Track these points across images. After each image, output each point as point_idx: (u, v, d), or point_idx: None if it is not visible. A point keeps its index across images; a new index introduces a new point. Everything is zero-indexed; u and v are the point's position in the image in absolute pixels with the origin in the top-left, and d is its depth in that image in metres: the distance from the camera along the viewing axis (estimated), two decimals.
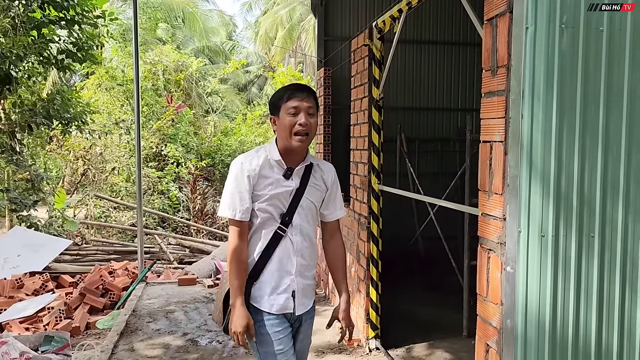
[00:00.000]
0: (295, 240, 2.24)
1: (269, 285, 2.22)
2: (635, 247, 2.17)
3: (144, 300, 5.63)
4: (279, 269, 2.23)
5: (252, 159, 2.22)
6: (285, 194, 2.21)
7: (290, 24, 22.22)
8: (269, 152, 2.24)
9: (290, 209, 2.23)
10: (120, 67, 13.89)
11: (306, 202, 2.26)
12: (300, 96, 2.17)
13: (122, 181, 12.24)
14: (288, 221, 2.22)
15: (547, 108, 2.06)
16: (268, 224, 2.22)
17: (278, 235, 2.21)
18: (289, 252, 2.24)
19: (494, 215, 2.26)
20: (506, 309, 2.18)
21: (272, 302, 2.21)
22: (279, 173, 2.23)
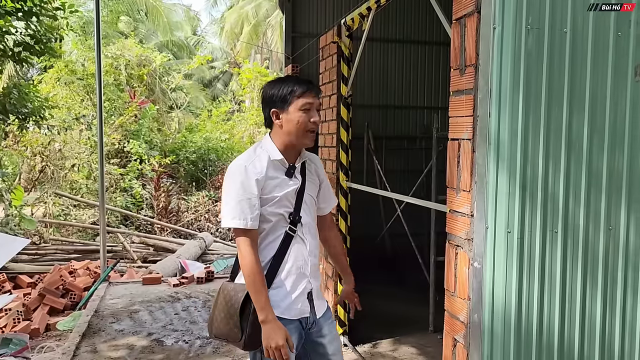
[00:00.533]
0: (307, 240, 2.16)
1: (284, 289, 2.10)
2: (595, 243, 2.24)
3: (106, 300, 5.50)
4: (295, 271, 2.12)
5: (256, 162, 2.08)
6: (291, 192, 2.12)
7: (256, 20, 22.07)
8: (269, 151, 2.12)
9: (296, 207, 2.14)
10: (81, 61, 13.51)
11: (308, 198, 2.20)
12: (312, 92, 2.09)
13: (82, 178, 11.92)
14: (297, 220, 2.13)
15: (513, 107, 2.10)
16: (279, 226, 2.11)
17: (289, 236, 2.11)
18: (303, 253, 2.15)
19: (461, 212, 2.30)
20: (473, 304, 2.22)
21: (289, 308, 2.10)
22: (281, 172, 2.13)
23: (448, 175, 2.42)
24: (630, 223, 2.27)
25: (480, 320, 2.19)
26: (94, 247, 8.70)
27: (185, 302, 5.43)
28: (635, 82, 2.23)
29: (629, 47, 2.21)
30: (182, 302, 5.43)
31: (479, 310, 2.19)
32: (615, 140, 2.23)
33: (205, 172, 14.37)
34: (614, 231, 2.25)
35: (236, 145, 16.11)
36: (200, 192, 13.37)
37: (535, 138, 2.13)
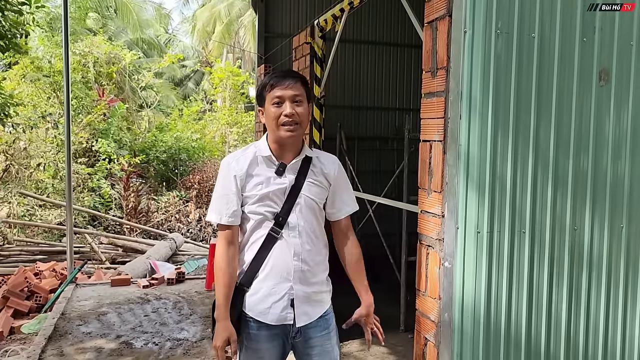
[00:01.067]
0: (293, 243, 2.02)
1: (263, 293, 2.02)
2: (561, 243, 2.30)
3: (73, 302, 5.38)
4: (274, 274, 2.02)
5: (240, 158, 2.04)
6: (278, 192, 2.01)
7: (229, 19, 21.91)
8: (258, 148, 2.06)
9: (285, 208, 2.01)
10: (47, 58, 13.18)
11: (305, 200, 2.04)
12: (283, 84, 1.98)
13: (48, 178, 11.63)
14: (282, 221, 2.01)
15: (483, 109, 2.15)
16: (261, 226, 2.03)
17: (272, 237, 2.01)
18: (286, 255, 2.02)
19: (433, 213, 2.34)
20: (444, 303, 2.26)
21: (265, 312, 2.01)
22: (270, 170, 2.03)
23: (420, 176, 2.45)
24: (595, 223, 2.34)
25: (451, 319, 2.22)
26: (61, 248, 8.50)
27: (155, 304, 5.36)
28: (600, 86, 2.30)
29: (594, 53, 2.28)
30: (152, 304, 5.36)
31: (450, 309, 2.23)
32: (581, 143, 2.30)
33: (175, 172, 14.20)
34: (579, 231, 2.32)
35: (208, 145, 15.97)
36: (170, 192, 13.20)
37: (504, 140, 2.18)
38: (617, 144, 2.35)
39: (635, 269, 2.43)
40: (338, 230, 2.22)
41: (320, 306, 2.12)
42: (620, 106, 2.34)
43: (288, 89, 1.98)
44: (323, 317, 2.12)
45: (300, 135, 2.04)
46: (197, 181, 13.35)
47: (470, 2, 2.10)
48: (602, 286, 2.39)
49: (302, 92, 2.01)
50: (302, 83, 2.04)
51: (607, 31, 2.29)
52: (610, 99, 2.32)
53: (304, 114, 2.01)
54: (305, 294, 2.05)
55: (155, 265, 7.01)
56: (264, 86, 2.04)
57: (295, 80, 2.01)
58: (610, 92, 2.32)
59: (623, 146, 2.36)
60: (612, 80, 2.32)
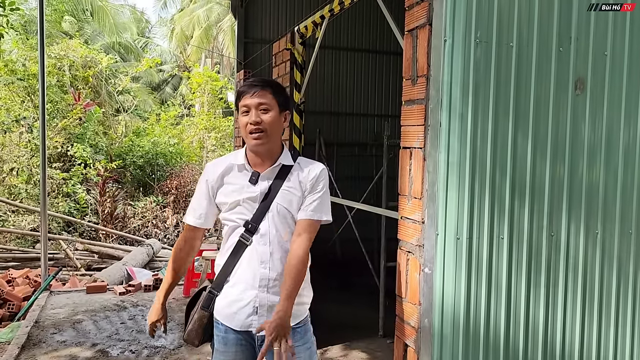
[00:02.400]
0: (261, 250, 2.02)
1: (230, 298, 2.05)
2: (538, 248, 2.34)
3: (47, 310, 5.27)
4: (241, 281, 2.03)
5: (218, 164, 2.09)
6: (249, 200, 2.02)
7: (208, 24, 21.81)
8: (235, 156, 2.09)
9: (256, 215, 2.02)
10: (22, 61, 12.95)
11: (278, 208, 2.03)
12: (250, 92, 2.00)
13: (21, 183, 11.39)
14: (252, 229, 2.01)
15: (463, 117, 2.18)
16: (234, 232, 2.06)
17: (241, 243, 2.03)
18: (253, 263, 2.02)
19: (413, 219, 2.35)
20: (424, 309, 2.27)
21: (230, 317, 2.04)
22: (243, 178, 2.05)
23: (400, 182, 2.47)
24: (571, 229, 2.38)
25: (431, 324, 2.24)
26: (34, 254, 8.33)
27: (132, 311, 5.28)
28: (576, 95, 2.35)
29: (570, 62, 2.33)
30: (129, 311, 5.27)
31: (429, 314, 2.24)
32: (557, 150, 2.34)
33: (152, 177, 14.04)
34: (555, 237, 2.36)
35: (185, 150, 15.85)
36: (147, 197, 13.05)
37: (483, 147, 2.21)
38: (592, 151, 2.40)
39: (609, 274, 2.48)
40: (295, 229, 2.06)
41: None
42: (595, 115, 2.39)
43: (255, 97, 1.98)
44: (293, 329, 2.01)
45: (270, 143, 2.02)
46: (174, 186, 13.24)
47: (450, 12, 2.13)
48: (578, 291, 2.43)
49: (270, 99, 1.99)
50: (272, 91, 2.01)
51: (582, 41, 2.34)
52: (585, 107, 2.38)
53: (271, 121, 1.99)
54: (270, 302, 2.00)
55: (132, 272, 6.92)
56: (237, 96, 2.08)
57: (262, 88, 2.00)
58: (585, 101, 2.37)
59: (598, 153, 2.41)
60: (587, 90, 2.37)
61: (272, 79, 2.16)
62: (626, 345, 2.54)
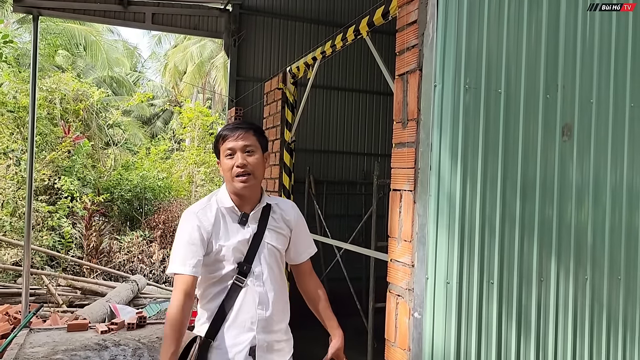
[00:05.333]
0: (257, 291, 2.02)
1: (224, 344, 1.99)
2: (528, 293, 2.33)
3: (26, 348, 5.11)
4: (238, 325, 2.00)
5: (206, 209, 2.04)
6: (243, 242, 2.02)
7: (201, 60, 22.08)
8: (219, 199, 2.07)
9: (248, 256, 2.02)
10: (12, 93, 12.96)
11: (267, 248, 2.07)
12: (234, 135, 2.01)
13: (6, 215, 11.23)
14: (246, 270, 2.01)
15: (452, 160, 2.19)
16: (226, 276, 2.01)
17: (236, 286, 2.00)
18: (250, 305, 2.01)
19: (402, 262, 2.34)
20: (414, 355, 2.23)
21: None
22: (233, 221, 2.04)
23: (390, 225, 2.46)
24: (560, 275, 2.38)
25: None
26: (15, 289, 8.13)
27: (114, 351, 5.13)
28: (563, 141, 2.39)
29: (557, 109, 2.37)
30: (110, 351, 5.13)
31: None
32: (545, 194, 2.36)
33: (140, 211, 13.92)
34: (545, 282, 2.35)
35: (174, 184, 15.78)
36: (134, 231, 12.90)
37: (472, 191, 2.22)
38: (580, 195, 2.42)
39: (599, 319, 2.46)
40: (301, 273, 2.25)
41: (282, 355, 2.11)
42: (582, 159, 2.42)
43: (239, 139, 2.01)
44: None
45: (255, 185, 2.06)
46: (162, 221, 13.12)
47: (440, 58, 2.17)
48: (569, 337, 2.41)
49: (254, 141, 2.03)
50: (254, 132, 2.05)
51: (569, 89, 2.39)
52: (573, 152, 2.41)
53: (256, 163, 2.03)
54: (267, 342, 2.04)
55: (116, 309, 6.77)
56: (217, 139, 2.07)
57: (246, 131, 2.03)
58: (573, 146, 2.41)
59: (585, 197, 2.43)
60: (574, 135, 2.41)
61: (252, 122, 2.18)
62: None
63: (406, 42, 2.39)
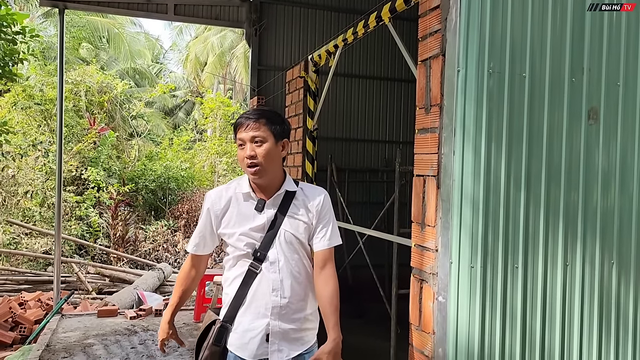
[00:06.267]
0: (272, 278, 2.03)
1: (240, 328, 2.05)
2: (553, 278, 2.32)
3: (59, 333, 5.27)
4: (253, 310, 2.04)
5: (222, 194, 2.10)
6: (257, 228, 2.04)
7: (221, 50, 22.18)
8: (239, 185, 2.11)
9: (264, 243, 2.04)
10: (39, 86, 13.22)
11: (285, 235, 2.06)
12: (243, 126, 2.03)
13: (35, 206, 11.52)
14: (261, 257, 2.03)
15: (476, 145, 2.19)
16: (241, 261, 2.06)
17: (251, 272, 2.03)
18: (264, 291, 2.03)
19: (427, 247, 2.35)
20: (438, 338, 2.25)
21: (242, 347, 2.04)
22: (249, 206, 2.07)
23: (413, 210, 2.48)
24: (586, 259, 2.36)
25: (445, 354, 2.22)
26: (46, 277, 8.36)
27: (143, 335, 5.26)
28: (589, 125, 2.36)
29: (583, 92, 2.35)
30: (139, 335, 5.26)
31: (443, 344, 2.22)
32: (571, 179, 2.34)
33: (164, 201, 14.13)
34: (570, 267, 2.34)
35: (197, 174, 15.96)
36: (159, 221, 13.11)
37: (496, 176, 2.22)
38: (606, 181, 2.40)
39: (625, 305, 2.45)
40: (316, 262, 2.18)
41: (300, 344, 2.11)
42: (609, 144, 2.40)
43: (248, 130, 2.02)
44: (302, 355, 2.10)
45: (268, 174, 2.05)
46: (185, 210, 13.30)
47: (464, 42, 2.16)
48: (595, 321, 2.40)
49: (263, 132, 2.01)
50: (266, 122, 2.03)
51: (595, 72, 2.36)
52: (599, 137, 2.38)
53: (265, 154, 2.00)
54: (282, 330, 2.05)
55: (143, 296, 6.92)
56: (234, 127, 2.12)
57: (255, 121, 2.01)
58: (599, 131, 2.38)
59: (612, 183, 2.41)
60: (600, 119, 2.38)
61: (268, 109, 2.17)
62: None
63: (429, 27, 2.38)
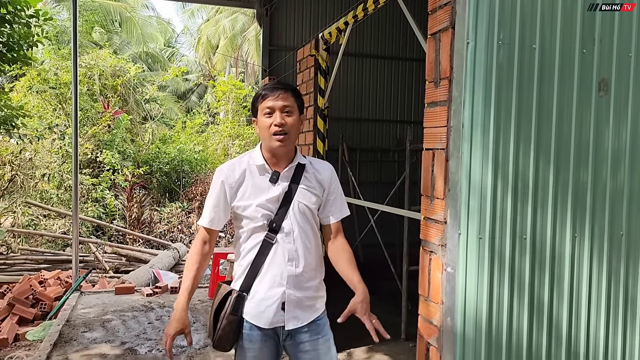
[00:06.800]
0: (287, 248, 2.08)
1: (258, 296, 2.10)
2: (561, 249, 2.34)
3: (78, 309, 5.41)
4: (269, 279, 2.09)
5: (235, 167, 2.12)
6: (272, 200, 2.08)
7: (233, 33, 22.13)
8: (251, 157, 2.14)
9: (279, 214, 2.08)
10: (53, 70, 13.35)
11: (299, 206, 2.12)
12: (274, 95, 2.06)
13: (53, 188, 11.71)
14: (277, 227, 2.08)
15: (485, 118, 2.21)
16: (257, 233, 2.10)
17: (267, 243, 2.08)
18: (280, 261, 2.08)
19: (435, 219, 2.38)
20: (446, 308, 2.30)
21: (259, 316, 2.09)
22: (263, 179, 2.11)
23: (422, 183, 2.50)
24: (595, 231, 2.38)
25: (453, 323, 2.26)
26: (65, 257, 8.54)
27: (159, 312, 5.39)
28: (600, 96, 2.36)
29: (594, 64, 2.34)
30: (156, 312, 5.38)
31: (452, 313, 2.27)
32: (580, 152, 2.35)
33: (178, 183, 14.27)
34: (579, 238, 2.36)
35: (210, 157, 16.07)
36: (173, 203, 13.26)
37: (505, 149, 2.24)
38: (616, 153, 2.40)
39: (635, 277, 2.47)
40: (328, 233, 2.26)
41: (312, 311, 2.17)
42: (619, 116, 2.40)
43: (279, 99, 2.06)
44: (315, 322, 2.18)
45: (290, 145, 2.12)
46: (199, 193, 13.42)
47: (473, 14, 2.17)
48: (603, 293, 2.43)
49: (292, 102, 2.09)
50: (292, 94, 2.11)
51: (606, 43, 2.35)
52: (609, 109, 2.38)
53: (293, 124, 2.08)
54: (297, 298, 2.11)
55: (159, 274, 7.05)
56: (256, 98, 2.13)
57: (285, 91, 2.08)
58: (609, 103, 2.38)
59: (622, 155, 2.41)
60: (611, 91, 2.38)
61: (290, 84, 2.23)
62: None
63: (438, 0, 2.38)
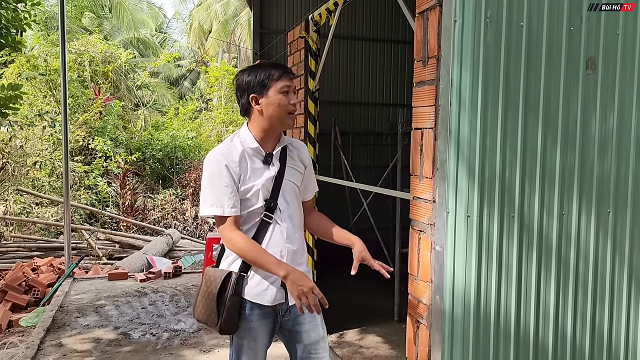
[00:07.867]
0: (285, 226, 2.15)
1: (259, 276, 2.12)
2: (549, 227, 2.36)
3: (71, 295, 5.42)
4: None
5: (232, 150, 2.11)
6: (269, 180, 2.12)
7: (225, 18, 21.95)
8: (245, 141, 2.14)
9: (273, 194, 2.13)
10: (43, 56, 13.21)
11: (288, 185, 2.19)
12: (289, 75, 2.12)
13: (44, 176, 11.66)
14: (274, 207, 2.12)
15: (473, 97, 2.20)
16: (254, 214, 2.12)
17: (265, 223, 2.12)
18: (279, 239, 2.14)
19: (424, 198, 2.39)
20: (435, 286, 2.31)
21: (262, 294, 2.11)
22: (258, 161, 2.14)
23: (411, 163, 2.51)
24: (582, 208, 2.40)
25: (442, 301, 2.28)
26: (57, 244, 8.53)
27: (153, 297, 5.40)
28: (587, 74, 2.36)
29: (581, 42, 2.34)
30: (149, 297, 5.40)
31: (441, 291, 2.28)
32: (568, 130, 2.35)
33: (171, 170, 14.23)
34: (566, 216, 2.38)
35: (203, 143, 16.01)
36: (166, 190, 13.23)
37: (493, 126, 2.24)
38: (603, 132, 2.41)
39: (621, 254, 2.49)
40: (307, 209, 2.38)
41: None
42: (606, 94, 2.40)
43: (292, 80, 2.14)
44: None
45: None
46: (193, 179, 13.40)
47: None
48: (590, 271, 2.45)
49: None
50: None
51: (593, 20, 2.35)
52: (597, 87, 2.38)
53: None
54: None
55: (152, 260, 7.06)
56: (268, 75, 2.08)
57: (293, 74, 2.18)
58: (597, 81, 2.38)
59: (610, 134, 2.42)
60: (599, 69, 2.38)
61: None
62: (638, 327, 2.55)
63: None
